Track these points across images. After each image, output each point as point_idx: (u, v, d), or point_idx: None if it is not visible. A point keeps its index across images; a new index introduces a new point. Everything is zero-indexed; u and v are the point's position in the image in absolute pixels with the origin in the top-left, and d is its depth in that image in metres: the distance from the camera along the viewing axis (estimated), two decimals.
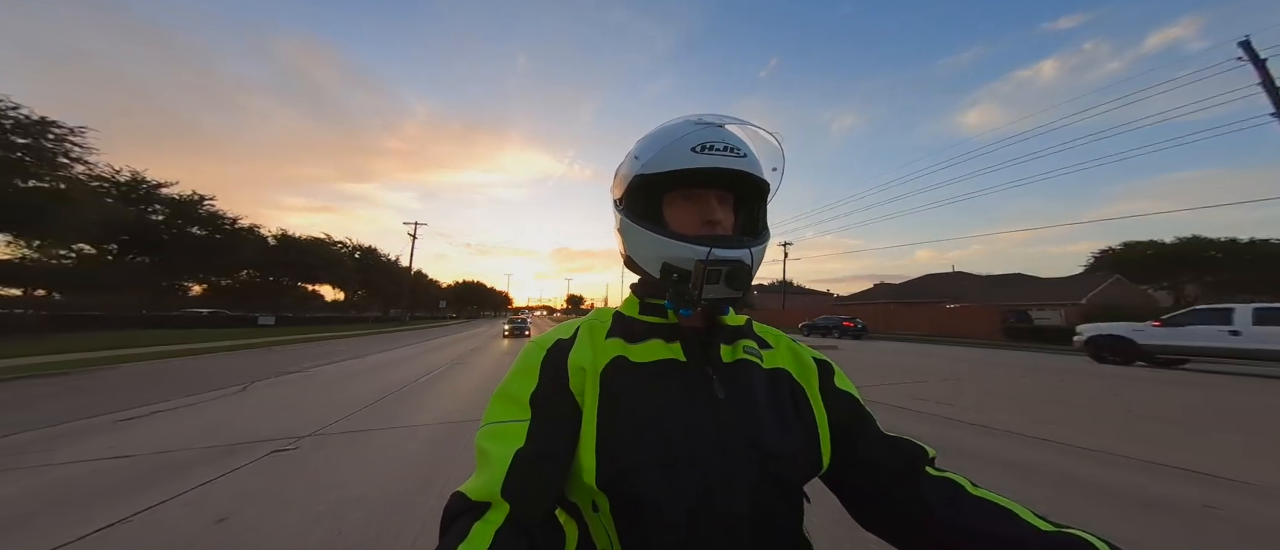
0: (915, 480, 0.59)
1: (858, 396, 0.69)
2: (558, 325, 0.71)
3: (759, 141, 0.66)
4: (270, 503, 2.80)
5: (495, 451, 0.54)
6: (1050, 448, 4.02)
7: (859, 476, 0.63)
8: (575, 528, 0.60)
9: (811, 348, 0.73)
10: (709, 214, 0.62)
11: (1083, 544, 0.47)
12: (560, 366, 0.61)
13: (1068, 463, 3.59)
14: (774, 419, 0.60)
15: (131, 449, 3.89)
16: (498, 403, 0.60)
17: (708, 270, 0.56)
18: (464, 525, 0.49)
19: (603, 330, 0.67)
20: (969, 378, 8.84)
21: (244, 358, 11.71)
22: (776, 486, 0.57)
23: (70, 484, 3.12)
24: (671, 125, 0.66)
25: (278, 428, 4.63)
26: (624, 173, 0.68)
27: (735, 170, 0.61)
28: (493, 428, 0.57)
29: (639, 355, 0.62)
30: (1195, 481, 3.20)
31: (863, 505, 0.63)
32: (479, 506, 0.51)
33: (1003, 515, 0.53)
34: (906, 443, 0.63)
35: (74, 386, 7.15)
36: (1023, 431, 4.57)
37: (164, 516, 2.62)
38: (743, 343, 0.67)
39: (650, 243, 0.63)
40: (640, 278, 0.70)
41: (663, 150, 0.62)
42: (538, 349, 0.65)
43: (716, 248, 0.58)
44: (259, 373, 8.88)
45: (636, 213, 0.66)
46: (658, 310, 0.66)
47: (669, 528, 0.53)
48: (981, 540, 0.52)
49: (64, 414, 5.20)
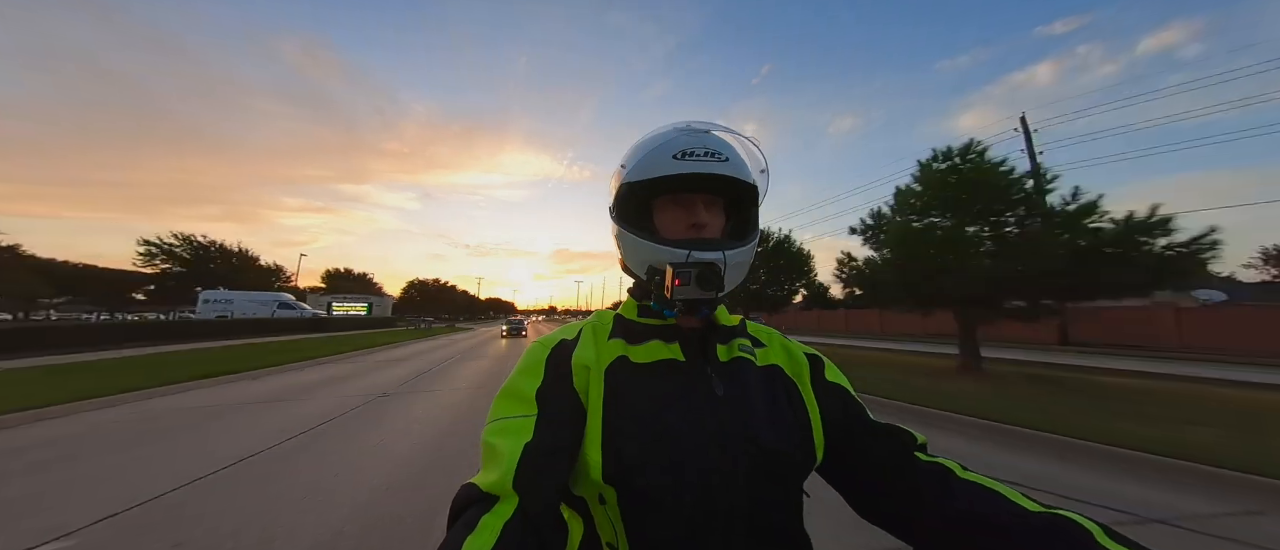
0: (908, 468, 0.60)
1: (849, 388, 0.70)
2: (559, 327, 0.73)
3: (743, 148, 0.69)
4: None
5: (504, 446, 0.54)
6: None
7: (853, 467, 0.64)
8: (580, 523, 0.62)
9: (802, 343, 0.75)
10: (694, 217, 0.65)
11: (1070, 523, 0.48)
12: (564, 365, 0.63)
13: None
14: (770, 415, 0.62)
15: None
16: (504, 400, 0.61)
17: (678, 272, 0.59)
18: (472, 517, 0.49)
19: (605, 331, 0.69)
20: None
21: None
22: (774, 481, 0.58)
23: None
24: (656, 133, 0.69)
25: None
26: (615, 181, 0.72)
27: (717, 175, 0.64)
28: (500, 423, 0.58)
29: (640, 355, 0.64)
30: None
31: (859, 495, 0.64)
32: (488, 498, 0.51)
33: (993, 498, 0.54)
34: (897, 430, 0.65)
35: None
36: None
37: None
38: (738, 341, 0.69)
39: (638, 247, 0.66)
40: (635, 283, 0.72)
41: (646, 159, 0.66)
42: (542, 348, 0.67)
43: (695, 250, 0.61)
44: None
45: (626, 219, 0.69)
46: (655, 312, 0.68)
47: (672, 521, 0.54)
48: (974, 523, 0.53)
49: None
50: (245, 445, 4.61)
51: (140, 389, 7.72)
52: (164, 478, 3.68)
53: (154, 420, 5.83)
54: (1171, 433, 4.61)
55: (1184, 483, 3.67)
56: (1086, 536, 0.47)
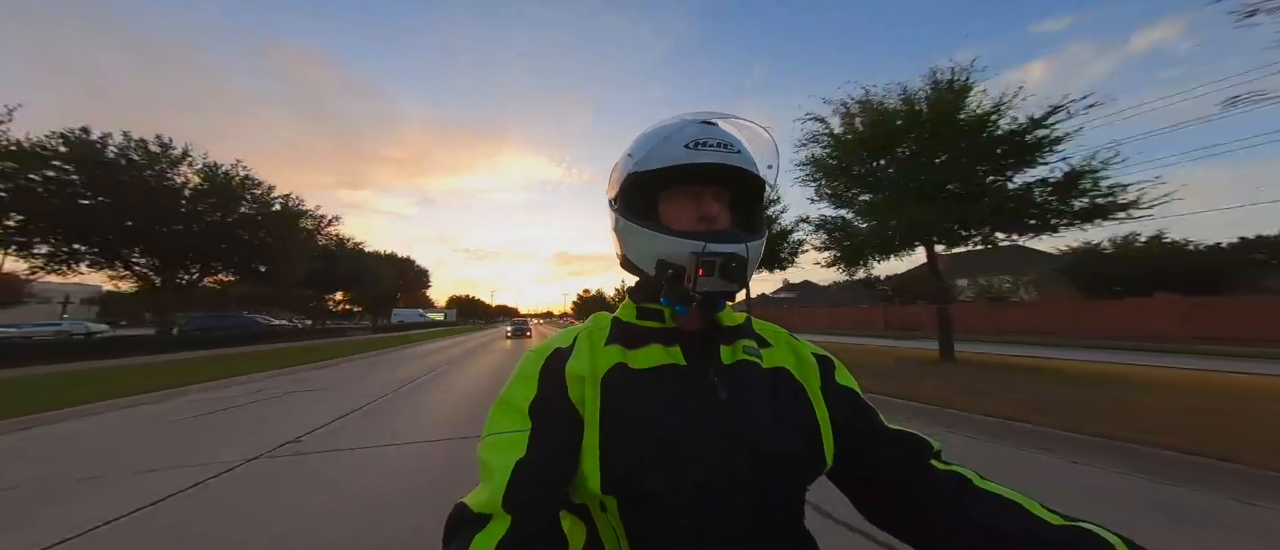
0: (922, 475, 0.59)
1: (859, 391, 0.68)
2: (557, 333, 0.72)
3: (754, 138, 0.67)
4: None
5: (496, 462, 0.54)
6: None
7: (864, 474, 0.63)
8: (582, 530, 0.60)
9: (811, 343, 0.73)
10: (704, 210, 0.62)
11: (1093, 538, 0.47)
12: (558, 375, 0.61)
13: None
14: (776, 420, 0.60)
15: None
16: (498, 412, 0.60)
17: (702, 262, 0.57)
18: (464, 538, 0.49)
19: (601, 337, 0.67)
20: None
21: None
22: (779, 487, 0.57)
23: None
24: (665, 123, 0.67)
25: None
26: (619, 171, 0.69)
27: (729, 166, 0.61)
28: (493, 438, 0.58)
29: (639, 361, 0.62)
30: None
31: (869, 502, 0.63)
32: (480, 518, 0.51)
33: (1012, 509, 0.53)
34: (911, 436, 0.63)
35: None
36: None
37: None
38: (742, 342, 0.66)
39: (646, 240, 0.63)
40: (637, 282, 0.70)
41: (656, 147, 0.63)
42: (536, 358, 0.65)
43: (711, 242, 0.58)
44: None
45: (632, 211, 0.66)
46: (655, 314, 0.66)
47: (675, 528, 0.54)
48: (991, 535, 0.51)
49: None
50: (425, 366, 11.62)
51: (359, 353, 15.58)
52: (371, 390, 7.70)
53: (354, 373, 10.45)
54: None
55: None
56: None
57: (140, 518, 2.78)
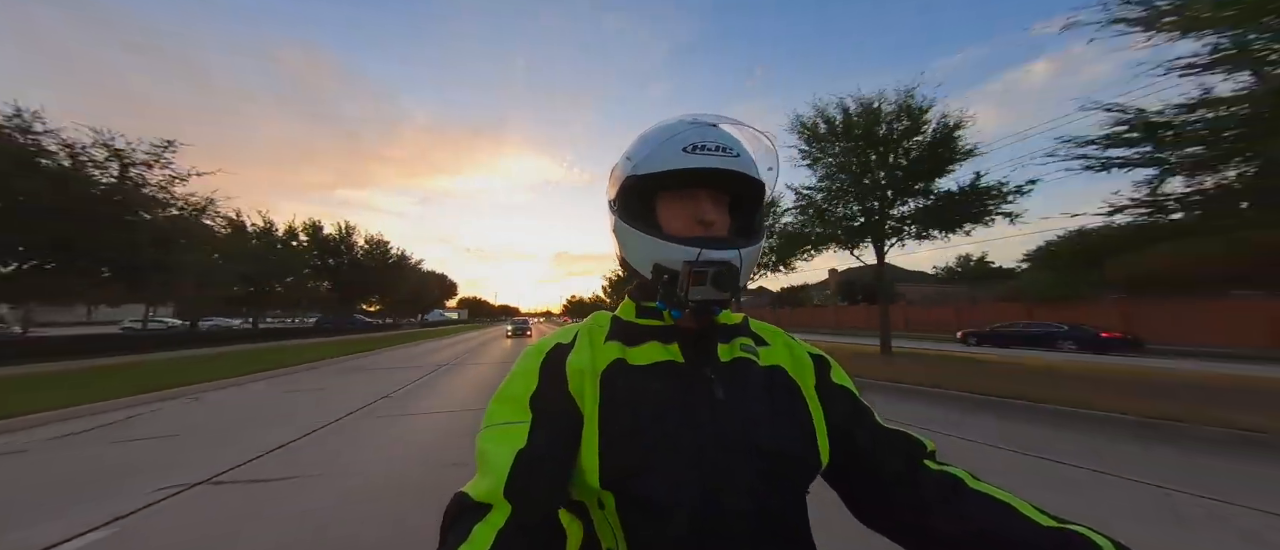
0: (915, 476, 0.59)
1: (855, 391, 0.67)
2: (557, 329, 0.71)
3: (753, 142, 0.65)
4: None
5: (496, 453, 0.54)
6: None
7: (858, 473, 0.62)
8: (579, 527, 0.60)
9: (807, 343, 0.72)
10: (701, 214, 0.61)
11: (1083, 539, 0.47)
12: (559, 369, 0.61)
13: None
14: (771, 418, 0.59)
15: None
16: (498, 405, 0.60)
17: (694, 272, 0.56)
18: (465, 526, 0.49)
19: (601, 334, 0.66)
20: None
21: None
22: (776, 485, 0.56)
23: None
24: (664, 125, 0.65)
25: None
26: (618, 173, 0.67)
27: (727, 170, 0.59)
28: (494, 430, 0.57)
29: (638, 358, 0.61)
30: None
31: (862, 502, 0.62)
32: (481, 507, 0.51)
33: (1003, 510, 0.53)
34: (905, 436, 0.63)
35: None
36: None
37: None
38: (739, 341, 0.66)
39: (642, 244, 0.62)
40: (637, 282, 0.68)
41: (654, 150, 0.61)
42: (537, 352, 0.65)
43: (707, 248, 0.57)
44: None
45: (630, 214, 0.65)
46: (654, 312, 0.64)
47: (673, 527, 0.52)
48: (982, 535, 0.52)
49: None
50: (448, 355, 15.59)
51: (394, 344, 21.25)
52: (396, 381, 9.16)
53: (392, 363, 12.99)
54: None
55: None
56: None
57: (300, 444, 4.69)
